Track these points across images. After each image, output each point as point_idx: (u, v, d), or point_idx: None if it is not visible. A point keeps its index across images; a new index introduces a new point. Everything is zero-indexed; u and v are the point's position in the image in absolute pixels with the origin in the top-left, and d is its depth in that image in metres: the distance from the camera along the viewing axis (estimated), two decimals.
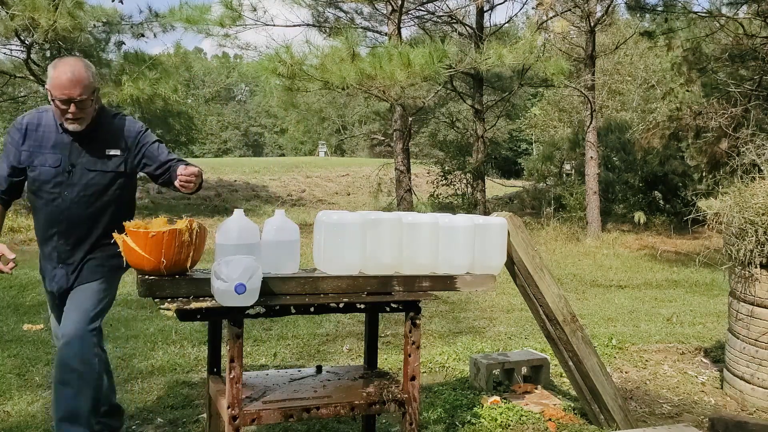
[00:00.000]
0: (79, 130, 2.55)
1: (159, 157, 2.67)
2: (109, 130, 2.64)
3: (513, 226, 2.90)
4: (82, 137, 2.60)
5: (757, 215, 3.65)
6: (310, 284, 2.36)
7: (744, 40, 11.42)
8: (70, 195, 2.59)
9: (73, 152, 2.60)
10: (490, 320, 5.97)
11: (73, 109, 2.49)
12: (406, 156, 14.02)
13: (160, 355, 4.49)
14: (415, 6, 15.10)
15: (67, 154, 2.59)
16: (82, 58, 2.65)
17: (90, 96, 2.52)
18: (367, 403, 2.47)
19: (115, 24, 13.29)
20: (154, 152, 2.68)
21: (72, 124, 2.54)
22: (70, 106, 2.49)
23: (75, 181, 2.59)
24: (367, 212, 2.54)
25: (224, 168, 23.42)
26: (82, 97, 2.49)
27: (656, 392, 3.95)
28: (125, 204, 2.75)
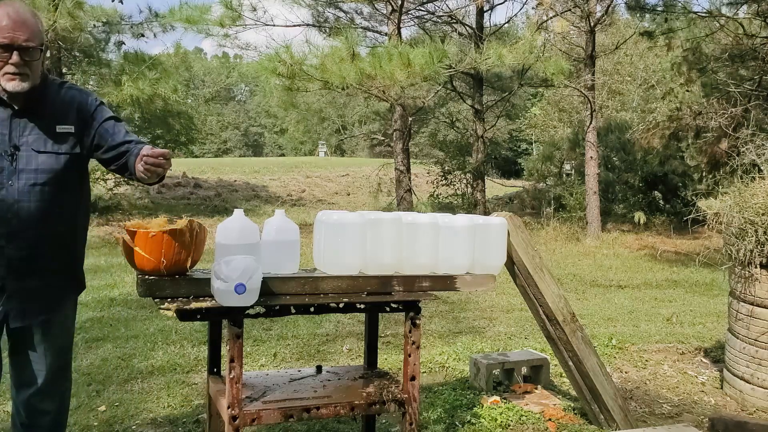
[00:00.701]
0: (21, 90, 1.99)
1: (115, 137, 2.18)
2: (57, 101, 2.13)
3: (513, 226, 2.90)
4: (26, 111, 2.07)
5: (757, 215, 3.65)
6: (310, 284, 2.36)
7: (744, 40, 11.42)
8: (17, 185, 2.03)
9: (14, 130, 2.05)
10: (490, 320, 5.97)
11: (16, 59, 1.95)
12: (406, 156, 14.02)
13: (160, 355, 4.49)
14: (415, 6, 15.10)
15: (7, 132, 2.05)
16: None
17: (38, 45, 2.01)
18: (367, 403, 2.47)
19: (115, 24, 13.29)
20: (109, 130, 2.18)
21: (12, 81, 1.99)
22: (12, 55, 1.95)
23: (22, 167, 2.05)
24: (367, 212, 2.54)
25: (224, 168, 23.42)
26: (29, 43, 1.98)
27: (656, 392, 3.95)
28: (85, 198, 2.27)
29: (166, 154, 2.00)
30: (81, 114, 2.16)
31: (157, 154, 1.99)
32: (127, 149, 2.17)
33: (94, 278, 7.53)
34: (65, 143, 2.11)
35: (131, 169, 2.13)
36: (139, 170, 2.00)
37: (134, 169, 2.07)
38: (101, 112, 2.20)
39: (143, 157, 1.99)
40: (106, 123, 2.19)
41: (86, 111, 2.17)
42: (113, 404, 3.52)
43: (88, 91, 2.26)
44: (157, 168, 2.00)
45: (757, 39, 11.32)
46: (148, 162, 1.98)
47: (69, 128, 2.11)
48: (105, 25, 13.36)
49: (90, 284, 7.13)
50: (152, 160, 1.98)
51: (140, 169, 1.99)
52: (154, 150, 2.00)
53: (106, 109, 2.23)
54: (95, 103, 2.21)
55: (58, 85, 2.18)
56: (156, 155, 1.98)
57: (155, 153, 1.99)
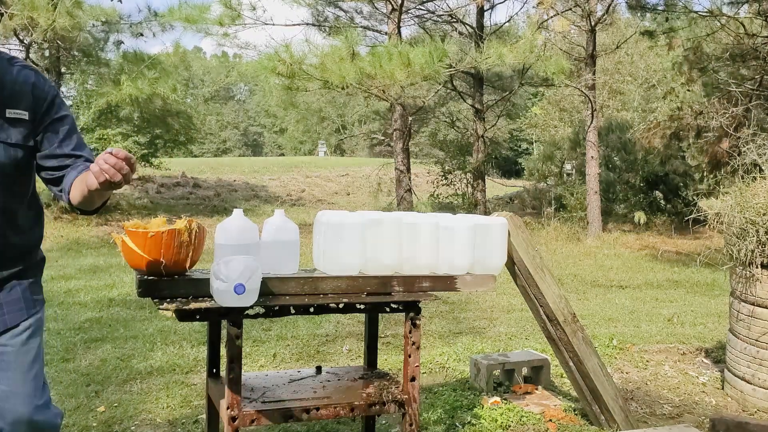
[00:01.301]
0: None
1: (63, 144, 1.76)
2: (6, 80, 1.71)
3: (513, 226, 2.88)
4: None
5: (758, 215, 3.64)
6: (310, 284, 2.35)
7: (745, 39, 11.40)
8: None
9: None
10: (491, 320, 5.96)
11: None
12: (406, 156, 14.01)
13: (159, 355, 4.48)
14: (415, 5, 15.10)
15: None
16: None
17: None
18: (366, 403, 2.46)
19: (114, 23, 13.29)
20: (59, 133, 1.76)
21: None
22: None
23: None
24: (367, 212, 2.53)
25: (223, 168, 23.42)
26: None
27: (657, 393, 3.94)
28: (36, 202, 1.87)
29: (130, 159, 1.57)
30: (37, 101, 1.73)
31: (122, 155, 1.54)
32: (72, 164, 1.76)
33: (93, 278, 7.52)
34: (16, 132, 1.68)
35: (65, 186, 1.73)
36: (93, 170, 1.53)
37: (69, 186, 1.70)
38: (59, 108, 1.77)
39: (106, 154, 1.55)
40: (60, 124, 1.76)
41: (42, 98, 1.74)
42: (112, 405, 3.51)
43: (44, 75, 1.84)
44: (118, 173, 1.53)
45: (758, 38, 11.31)
46: (108, 161, 1.52)
47: (22, 114, 1.69)
48: (104, 24, 13.36)
49: (89, 284, 7.13)
50: (113, 160, 1.51)
51: (94, 170, 1.53)
52: (118, 151, 1.56)
53: (64, 106, 1.81)
54: (53, 92, 1.77)
55: (7, 60, 1.74)
56: (120, 156, 1.54)
57: (119, 154, 1.55)
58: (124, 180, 1.54)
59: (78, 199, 1.70)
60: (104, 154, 1.54)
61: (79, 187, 1.68)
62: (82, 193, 1.66)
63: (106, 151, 1.54)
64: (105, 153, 1.54)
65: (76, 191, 1.70)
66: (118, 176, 1.52)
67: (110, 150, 1.55)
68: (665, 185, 16.33)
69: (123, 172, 1.53)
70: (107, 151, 1.53)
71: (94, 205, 1.75)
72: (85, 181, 1.59)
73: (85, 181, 1.59)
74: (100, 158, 1.52)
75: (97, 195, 1.66)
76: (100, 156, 1.54)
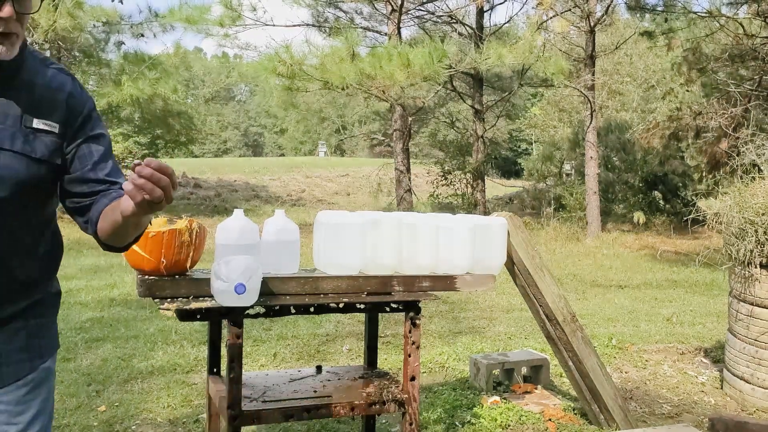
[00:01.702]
0: (8, 57, 1.30)
1: (98, 168, 1.44)
2: (38, 83, 1.39)
3: (513, 226, 2.89)
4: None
5: (757, 215, 3.65)
6: (310, 284, 2.36)
7: (744, 40, 11.42)
8: None
9: None
10: (490, 320, 5.97)
11: (8, 11, 1.26)
12: (406, 156, 14.02)
13: (160, 355, 4.49)
14: (414, 6, 15.11)
15: None
16: None
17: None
18: (367, 403, 2.47)
19: (114, 24, 13.31)
20: (94, 154, 1.45)
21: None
22: (3, 5, 1.26)
23: None
24: (367, 212, 2.54)
25: (224, 168, 23.43)
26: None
27: (656, 392, 3.95)
28: (56, 227, 1.54)
29: (168, 169, 1.20)
30: (71, 112, 1.42)
31: (156, 165, 1.18)
32: (106, 190, 1.44)
33: (94, 278, 7.53)
34: (43, 145, 1.36)
35: (91, 217, 1.43)
36: (126, 189, 1.18)
37: (97, 217, 1.41)
38: (95, 125, 1.47)
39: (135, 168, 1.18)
40: (95, 143, 1.46)
41: (78, 110, 1.44)
42: (113, 404, 3.52)
43: (81, 84, 1.52)
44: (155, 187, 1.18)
45: (757, 39, 11.32)
46: (142, 173, 1.16)
47: (52, 126, 1.38)
48: (105, 25, 13.38)
49: (90, 284, 7.14)
50: (148, 171, 1.16)
51: (128, 189, 1.18)
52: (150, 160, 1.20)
53: (101, 123, 1.51)
54: (90, 105, 1.47)
55: (40, 61, 1.44)
56: (154, 165, 1.18)
57: (152, 163, 1.18)
58: (166, 197, 1.19)
59: (108, 231, 1.38)
60: (135, 165, 1.18)
61: (109, 218, 1.36)
62: (114, 223, 1.34)
63: (134, 163, 1.18)
64: (136, 164, 1.18)
65: (105, 222, 1.39)
66: (157, 191, 1.17)
67: (140, 160, 1.20)
68: (664, 185, 16.34)
69: (162, 184, 1.18)
70: (136, 163, 1.18)
71: (127, 239, 1.43)
72: (118, 208, 1.27)
73: (118, 209, 1.27)
74: (131, 174, 1.19)
75: (133, 225, 1.33)
76: (132, 167, 1.20)
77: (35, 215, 1.43)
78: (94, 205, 1.44)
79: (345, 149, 40.46)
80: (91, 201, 1.44)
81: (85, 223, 1.46)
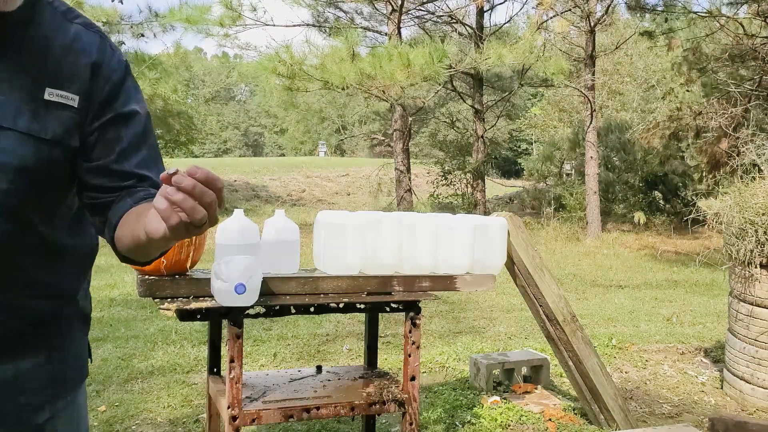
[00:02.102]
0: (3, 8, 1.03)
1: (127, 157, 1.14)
2: (56, 45, 1.09)
3: (513, 226, 2.89)
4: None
5: (757, 215, 3.65)
6: (310, 284, 2.36)
7: (744, 40, 11.42)
8: None
9: None
10: (490, 320, 5.97)
11: None
12: (406, 156, 14.03)
13: (160, 355, 4.49)
14: (415, 6, 15.12)
15: None
16: None
17: None
18: (367, 403, 2.47)
19: (114, 24, 13.31)
20: (124, 139, 1.14)
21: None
22: None
23: None
24: (367, 212, 2.54)
25: (224, 168, 23.43)
26: None
27: (656, 392, 3.95)
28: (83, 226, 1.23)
29: (216, 181, 0.88)
30: (96, 81, 1.10)
31: (202, 175, 0.86)
32: (132, 186, 1.14)
33: (94, 278, 7.50)
34: (57, 123, 1.06)
35: (111, 218, 1.11)
36: (158, 206, 0.87)
37: (117, 220, 1.10)
38: (128, 97, 1.15)
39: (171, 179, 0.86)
40: (125, 123, 1.14)
41: (105, 78, 1.12)
42: (113, 404, 3.52)
43: (113, 44, 1.17)
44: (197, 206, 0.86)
45: (757, 39, 11.32)
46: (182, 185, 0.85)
47: (69, 98, 1.07)
48: (105, 25, 13.37)
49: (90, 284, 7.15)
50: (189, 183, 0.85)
51: (160, 206, 0.87)
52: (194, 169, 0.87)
53: (137, 95, 1.17)
54: (123, 70, 1.15)
55: (61, 14, 1.11)
56: (200, 176, 0.86)
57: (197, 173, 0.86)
58: (210, 218, 0.87)
59: (127, 243, 1.06)
60: (170, 176, 0.86)
61: (131, 228, 1.04)
62: (136, 238, 1.01)
63: (169, 172, 0.86)
64: (171, 174, 0.86)
65: (125, 230, 1.06)
66: (199, 211, 0.85)
67: (176, 169, 0.87)
68: (664, 185, 16.35)
69: (206, 200, 0.85)
70: (171, 171, 0.86)
71: (151, 256, 1.11)
72: (143, 221, 0.94)
73: (143, 223, 0.94)
74: (165, 187, 0.86)
75: (159, 246, 1.01)
76: (163, 178, 0.87)
77: (51, 210, 1.12)
78: (116, 203, 1.12)
79: (345, 149, 40.45)
80: (113, 198, 1.13)
81: (102, 225, 1.15)
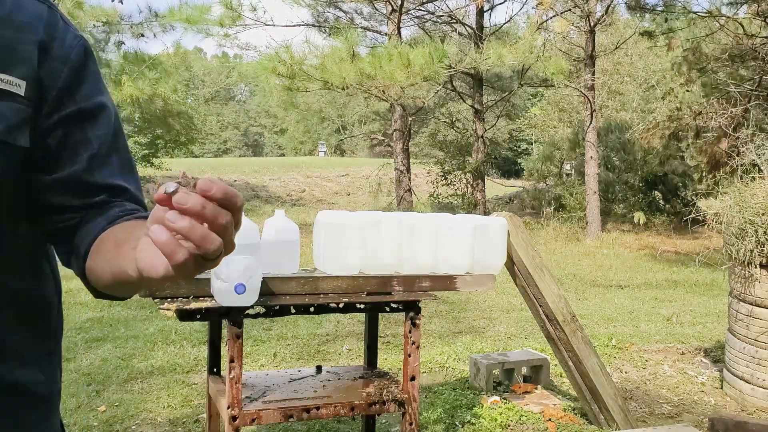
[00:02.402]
0: None
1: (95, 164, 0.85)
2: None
3: (513, 226, 2.90)
4: None
5: (757, 215, 3.65)
6: (310, 284, 2.36)
7: (744, 40, 11.42)
8: None
9: None
10: (490, 320, 5.97)
11: None
12: (406, 156, 14.03)
13: (159, 355, 4.49)
14: (414, 6, 15.12)
15: None
16: None
17: None
18: (367, 403, 2.47)
19: (114, 24, 13.31)
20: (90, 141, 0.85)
21: None
22: None
23: None
24: (367, 212, 2.54)
25: (224, 168, 23.43)
26: None
27: (656, 392, 3.95)
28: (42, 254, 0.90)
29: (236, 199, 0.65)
30: (48, 63, 0.84)
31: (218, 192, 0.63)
32: (105, 203, 0.87)
33: None
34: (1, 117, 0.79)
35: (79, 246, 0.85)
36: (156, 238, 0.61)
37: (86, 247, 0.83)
38: (91, 87, 0.88)
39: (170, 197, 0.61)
40: (91, 124, 0.87)
41: (60, 60, 0.85)
42: (113, 404, 3.52)
43: (64, 17, 0.89)
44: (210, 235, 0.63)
45: (757, 39, 11.32)
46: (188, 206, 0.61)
47: (14, 83, 0.80)
48: (105, 24, 13.37)
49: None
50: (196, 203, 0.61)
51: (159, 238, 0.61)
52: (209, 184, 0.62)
53: (99, 87, 0.90)
54: (81, 54, 0.87)
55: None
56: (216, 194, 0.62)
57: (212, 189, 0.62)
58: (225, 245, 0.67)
59: (106, 279, 0.79)
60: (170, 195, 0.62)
61: (109, 258, 0.78)
62: (120, 274, 0.74)
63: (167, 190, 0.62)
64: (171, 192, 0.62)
65: (101, 262, 0.80)
66: (213, 241, 0.64)
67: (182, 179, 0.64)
68: (664, 185, 16.35)
69: (221, 223, 0.64)
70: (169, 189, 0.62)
71: (134, 292, 0.85)
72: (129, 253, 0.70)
73: (131, 256, 0.68)
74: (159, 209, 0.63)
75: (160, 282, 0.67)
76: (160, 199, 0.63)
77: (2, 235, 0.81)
78: (84, 226, 0.84)
79: (345, 149, 40.46)
80: (78, 219, 0.85)
81: (66, 255, 0.87)
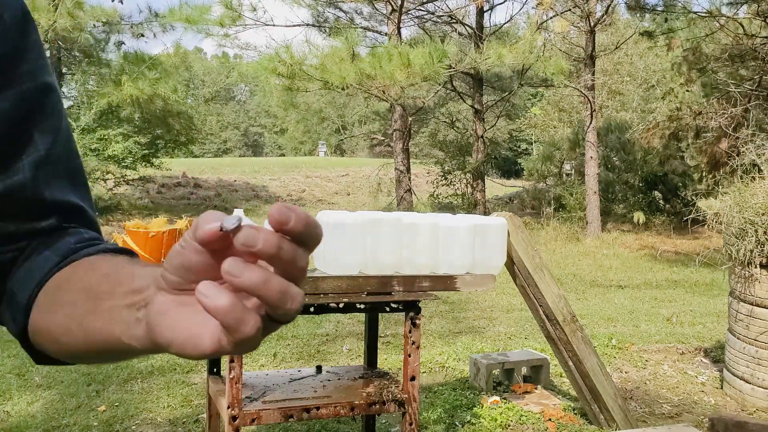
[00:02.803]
0: None
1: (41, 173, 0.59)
2: None
3: (513, 226, 2.90)
4: None
5: (757, 215, 3.65)
6: (310, 284, 2.36)
7: (744, 39, 11.42)
8: None
9: None
10: (490, 320, 5.97)
11: None
12: (406, 156, 14.03)
13: (159, 354, 4.49)
14: (414, 6, 15.12)
15: None
16: None
17: None
18: (367, 403, 2.47)
19: (114, 24, 13.32)
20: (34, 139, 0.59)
21: None
22: None
23: None
24: (367, 212, 2.54)
25: (224, 168, 23.43)
26: None
27: (656, 392, 3.95)
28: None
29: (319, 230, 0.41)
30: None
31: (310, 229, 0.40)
32: (56, 230, 0.62)
33: None
34: None
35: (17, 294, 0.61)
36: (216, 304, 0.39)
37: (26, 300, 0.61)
38: (38, 62, 0.61)
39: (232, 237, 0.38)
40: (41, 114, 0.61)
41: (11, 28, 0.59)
42: (113, 404, 3.53)
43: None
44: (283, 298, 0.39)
45: (757, 39, 11.32)
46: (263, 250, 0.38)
47: None
48: (105, 25, 13.39)
49: None
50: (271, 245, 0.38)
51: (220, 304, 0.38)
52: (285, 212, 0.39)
53: (44, 63, 0.62)
54: (21, 14, 0.61)
55: None
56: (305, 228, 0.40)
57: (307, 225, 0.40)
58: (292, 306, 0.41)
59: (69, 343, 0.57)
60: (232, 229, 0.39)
61: (81, 314, 0.54)
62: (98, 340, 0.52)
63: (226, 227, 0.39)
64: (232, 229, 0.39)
65: (61, 319, 0.57)
66: (295, 298, 0.41)
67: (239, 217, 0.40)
68: (664, 185, 16.35)
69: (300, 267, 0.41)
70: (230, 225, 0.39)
71: (122, 360, 0.64)
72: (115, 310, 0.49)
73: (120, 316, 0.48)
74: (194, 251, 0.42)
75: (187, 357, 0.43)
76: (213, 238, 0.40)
77: None
78: (23, 264, 0.62)
79: (345, 149, 40.45)
80: (16, 253, 0.62)
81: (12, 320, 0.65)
